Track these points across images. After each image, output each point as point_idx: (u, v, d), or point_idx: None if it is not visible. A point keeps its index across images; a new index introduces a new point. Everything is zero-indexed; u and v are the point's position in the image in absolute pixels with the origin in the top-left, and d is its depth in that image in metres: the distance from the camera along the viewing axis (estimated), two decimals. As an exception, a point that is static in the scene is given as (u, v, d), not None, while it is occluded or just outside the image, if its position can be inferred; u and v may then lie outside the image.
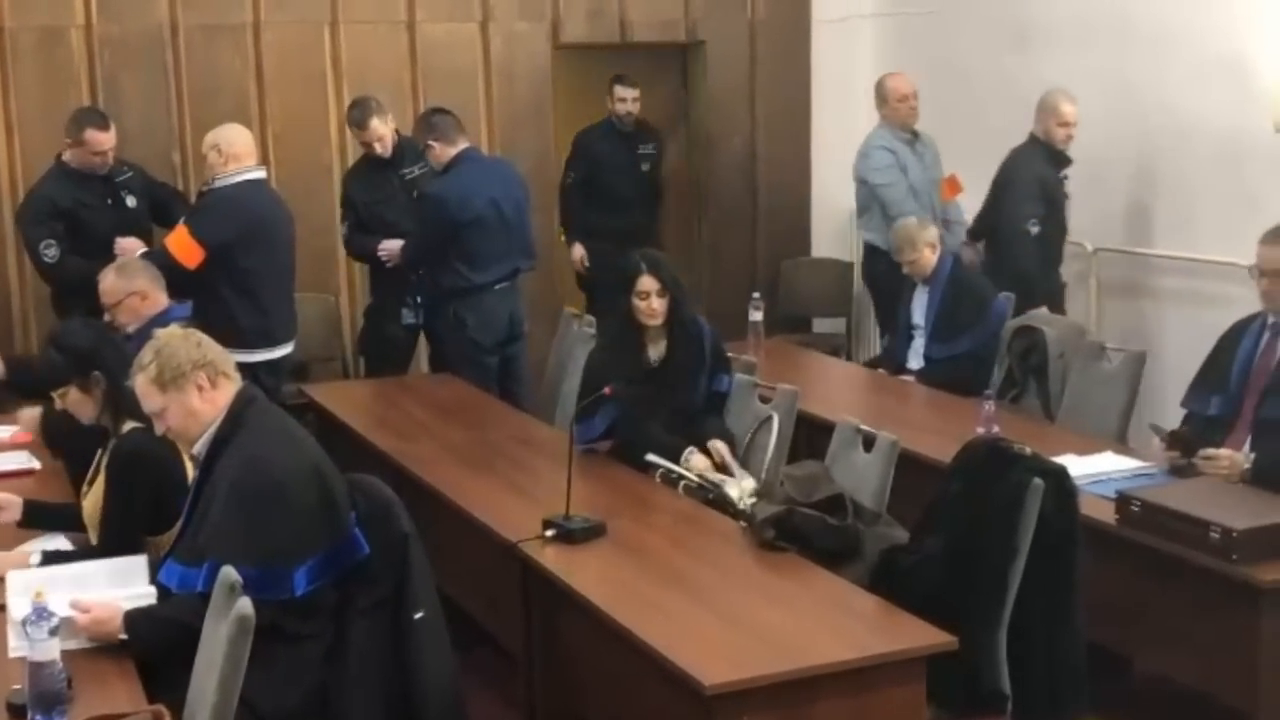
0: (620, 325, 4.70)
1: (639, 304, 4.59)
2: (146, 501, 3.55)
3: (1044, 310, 5.85)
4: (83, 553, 3.56)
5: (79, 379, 3.71)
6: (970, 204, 6.77)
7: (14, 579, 3.26)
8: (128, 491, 3.55)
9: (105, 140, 5.84)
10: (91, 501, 3.66)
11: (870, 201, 6.83)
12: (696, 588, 3.52)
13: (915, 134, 6.90)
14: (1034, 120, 6.29)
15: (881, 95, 6.88)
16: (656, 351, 4.65)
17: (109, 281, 4.79)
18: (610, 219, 7.41)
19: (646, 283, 4.58)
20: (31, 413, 4.60)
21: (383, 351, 6.43)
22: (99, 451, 3.74)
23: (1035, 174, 6.23)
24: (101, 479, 3.63)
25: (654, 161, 7.52)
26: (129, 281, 4.76)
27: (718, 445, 4.50)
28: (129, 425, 3.64)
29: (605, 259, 6.89)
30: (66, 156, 5.90)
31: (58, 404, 3.82)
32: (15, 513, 3.82)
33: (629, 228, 7.23)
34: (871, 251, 6.92)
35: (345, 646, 3.19)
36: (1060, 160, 6.29)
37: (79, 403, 3.76)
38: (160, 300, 4.82)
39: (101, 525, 3.59)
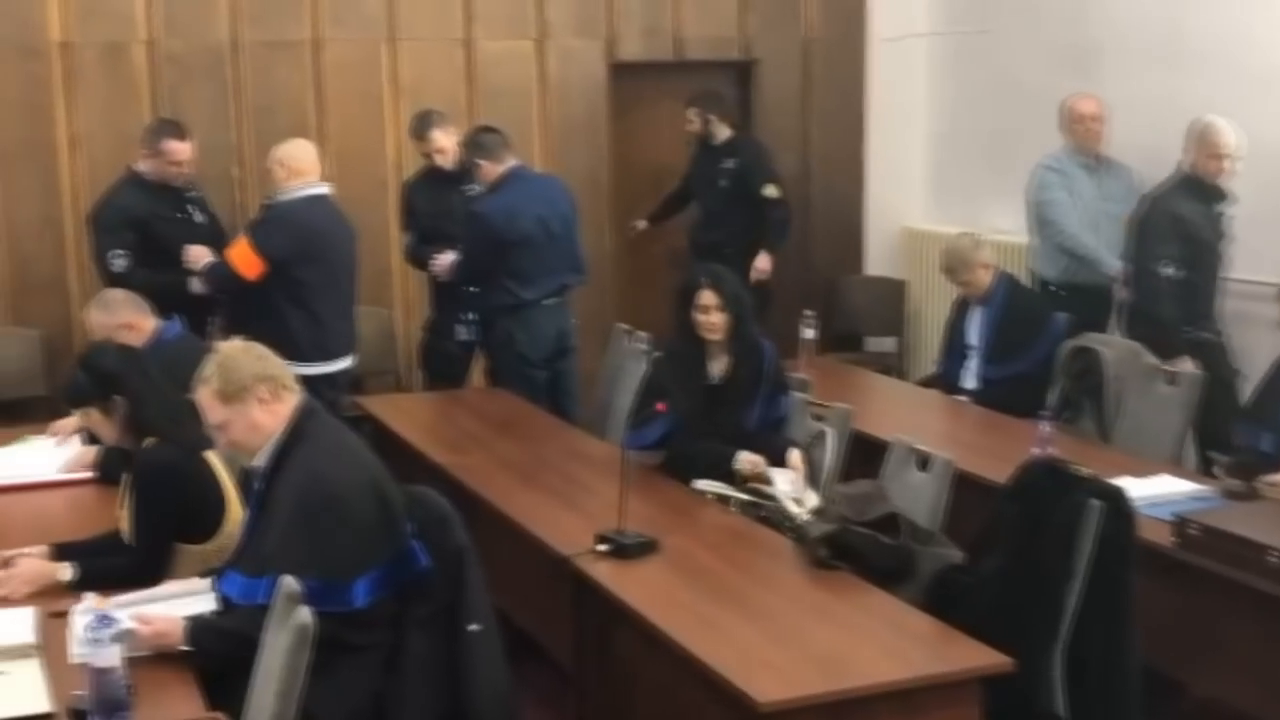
0: (682, 338, 4.71)
1: (699, 318, 4.60)
2: (173, 512, 3.59)
3: (1112, 337, 5.70)
4: (122, 568, 3.56)
5: (101, 401, 3.75)
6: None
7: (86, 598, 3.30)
8: (152, 504, 3.59)
9: (183, 151, 5.91)
10: (126, 520, 3.70)
11: (1038, 228, 6.40)
12: (749, 605, 3.52)
13: (1102, 160, 6.38)
14: (1182, 150, 5.77)
15: (1062, 116, 6.43)
16: (719, 367, 4.66)
17: (95, 318, 4.87)
18: (695, 233, 7.49)
19: (707, 297, 4.59)
20: (67, 423, 4.64)
21: (440, 366, 6.47)
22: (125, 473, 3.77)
23: (1171, 211, 5.67)
24: (129, 498, 3.67)
25: (734, 175, 7.41)
26: (113, 315, 4.84)
27: (797, 457, 4.47)
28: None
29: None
30: (141, 167, 5.95)
31: (81, 421, 3.85)
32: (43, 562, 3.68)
33: (707, 242, 7.26)
34: (1041, 288, 6.40)
35: (402, 658, 3.22)
36: (1213, 195, 5.73)
37: (100, 424, 3.81)
38: (149, 325, 4.89)
39: (134, 540, 3.63)
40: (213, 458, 3.76)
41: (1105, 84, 6.59)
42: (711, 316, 4.59)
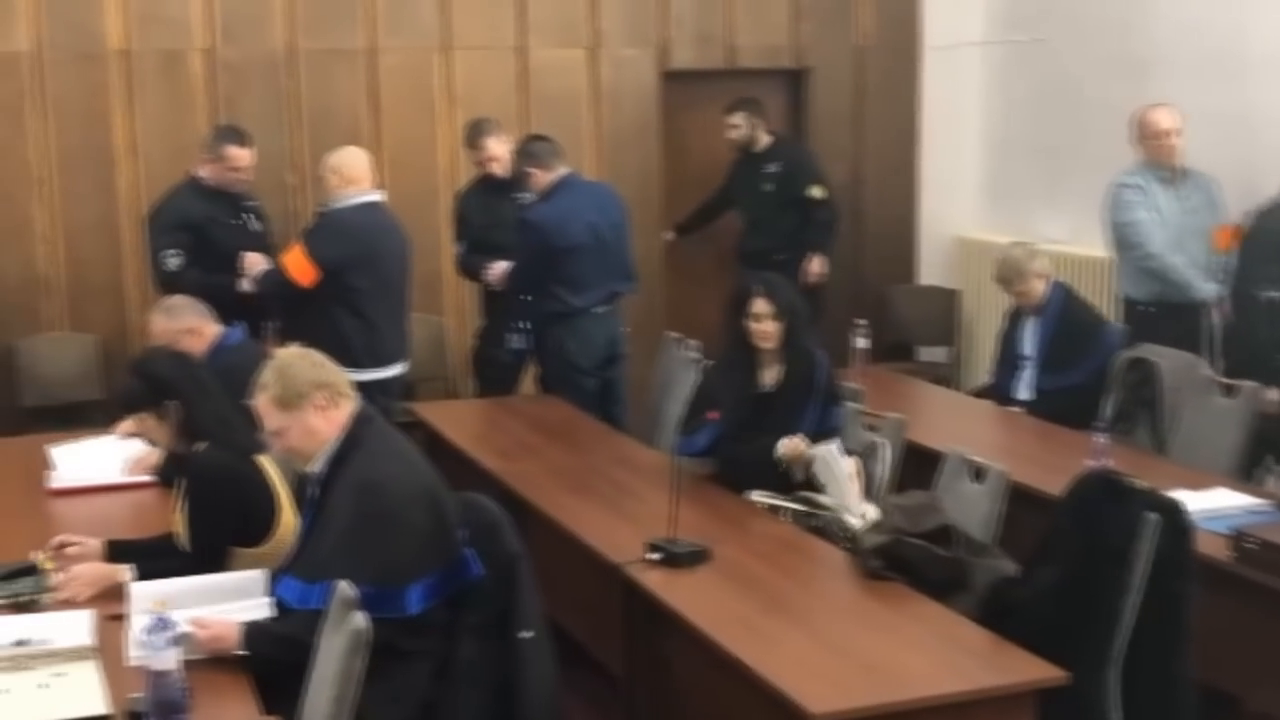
0: (733, 346, 4.70)
1: (752, 326, 4.59)
2: (228, 515, 3.62)
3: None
4: (178, 572, 3.57)
5: (155, 407, 3.78)
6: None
7: (137, 590, 3.34)
8: (207, 507, 3.62)
9: (244, 157, 5.97)
10: (180, 523, 3.74)
11: (1121, 249, 6.16)
12: (802, 615, 3.51)
13: (1179, 173, 6.09)
14: None
15: (1136, 129, 6.14)
16: (771, 376, 4.64)
17: (159, 324, 4.92)
18: (742, 242, 7.51)
19: (759, 305, 4.58)
20: (129, 425, 4.68)
21: (491, 374, 6.50)
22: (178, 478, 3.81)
23: (1275, 229, 5.42)
24: (184, 502, 3.71)
25: (779, 179, 7.44)
26: (177, 321, 4.89)
27: (853, 465, 4.44)
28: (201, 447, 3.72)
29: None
30: (201, 173, 6.01)
31: (134, 427, 3.89)
32: (97, 555, 3.76)
33: (755, 250, 7.26)
34: (1127, 307, 6.19)
35: (454, 664, 3.23)
36: None
37: (154, 429, 3.83)
38: (211, 331, 4.94)
39: (189, 543, 3.66)
40: (265, 462, 3.79)
41: (1162, 93, 6.51)
42: (764, 325, 4.58)
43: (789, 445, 4.45)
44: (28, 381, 6.65)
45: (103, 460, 4.65)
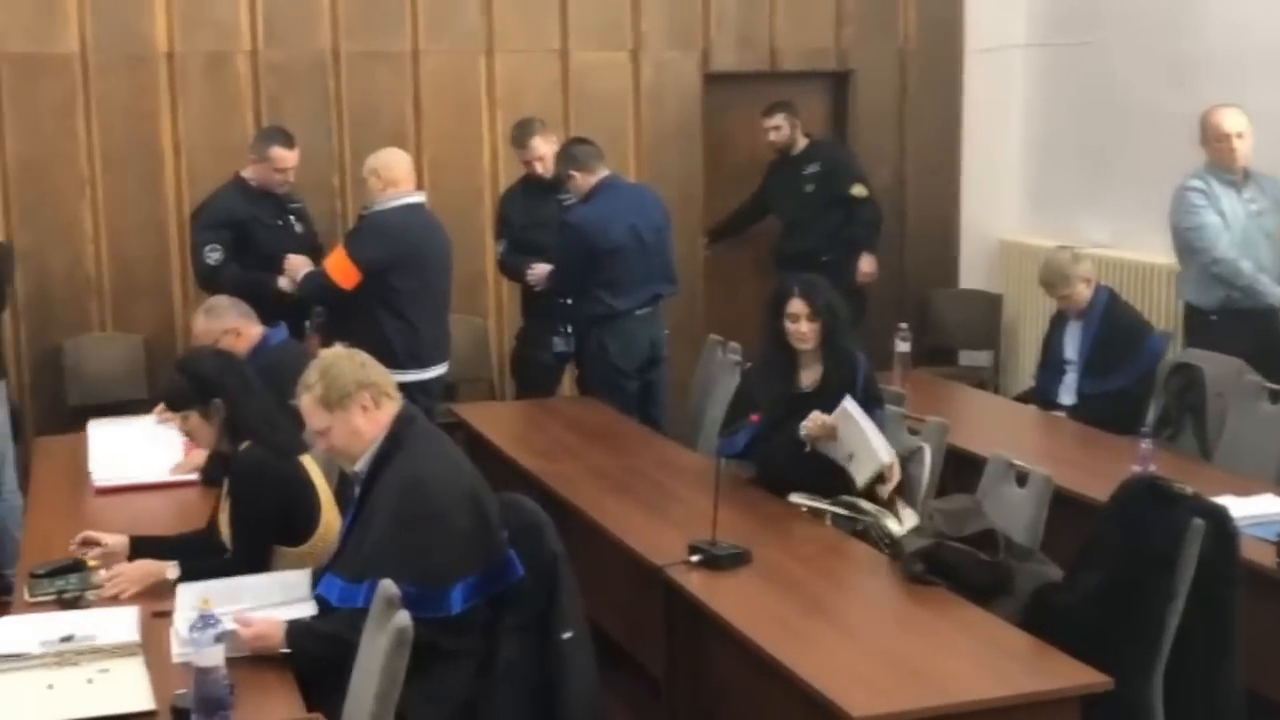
0: (772, 347, 4.69)
1: (789, 326, 4.58)
2: (271, 514, 3.65)
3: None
4: (222, 569, 3.61)
5: (200, 405, 3.81)
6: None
7: (182, 588, 3.37)
8: (250, 505, 3.65)
9: (289, 158, 6.00)
10: (225, 522, 3.76)
11: (1185, 254, 5.96)
12: (843, 618, 3.50)
13: (1244, 175, 5.89)
14: None
15: (1202, 132, 5.91)
16: (810, 377, 4.62)
17: (200, 325, 4.97)
18: (780, 245, 7.50)
19: (796, 306, 4.57)
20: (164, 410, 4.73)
21: (532, 376, 6.51)
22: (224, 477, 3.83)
23: None
24: (228, 500, 3.73)
25: (819, 179, 7.44)
26: (219, 321, 4.92)
27: (895, 465, 4.41)
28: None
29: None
30: (246, 173, 6.05)
31: (180, 426, 3.92)
32: (123, 552, 3.79)
33: (795, 253, 7.25)
34: (1191, 314, 6.00)
35: (495, 663, 3.25)
36: None
37: (198, 428, 3.86)
38: (253, 332, 4.97)
39: (232, 541, 3.69)
40: (308, 461, 3.81)
41: (1209, 96, 6.43)
42: (800, 325, 4.56)
43: (812, 421, 4.43)
44: (73, 380, 6.71)
45: (138, 442, 4.71)
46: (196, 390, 3.81)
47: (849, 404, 4.39)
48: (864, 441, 4.33)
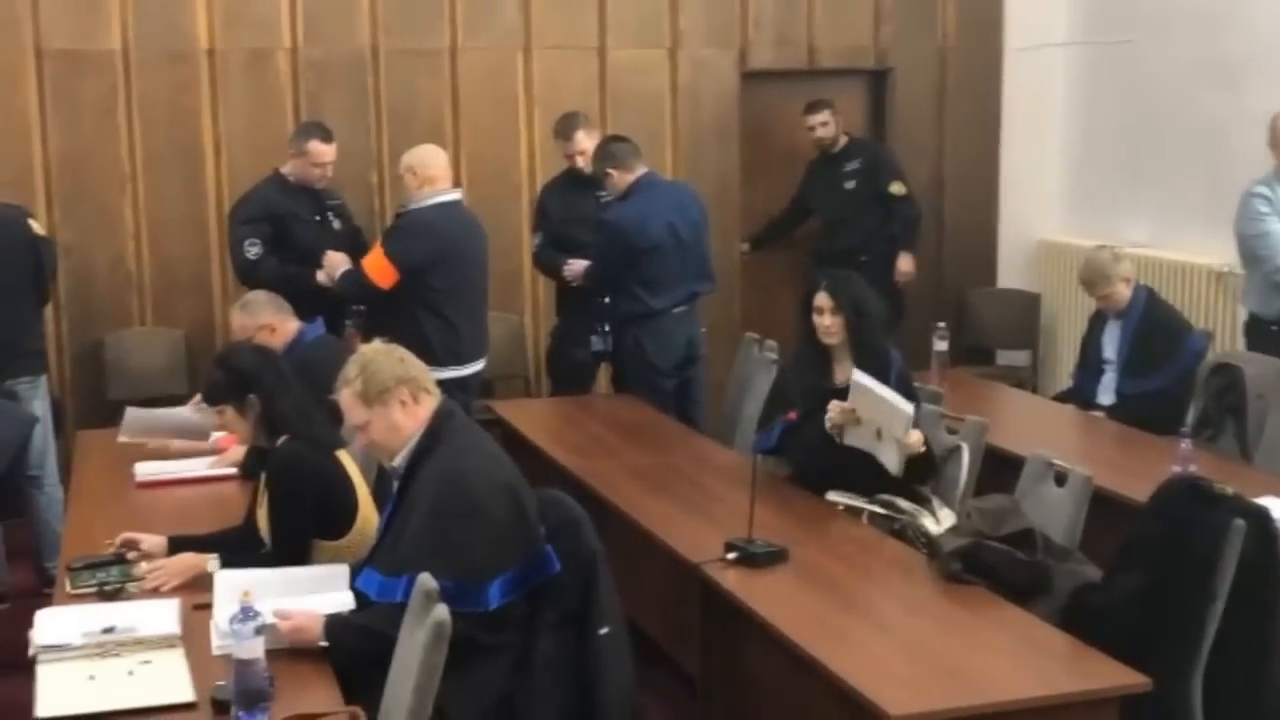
0: (805, 343, 4.69)
1: (815, 320, 4.59)
2: (309, 507, 3.66)
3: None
4: (257, 561, 3.64)
5: (236, 400, 3.83)
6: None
7: (221, 580, 3.39)
8: (289, 500, 3.66)
9: (327, 153, 6.03)
10: (264, 517, 3.78)
11: (1249, 262, 5.81)
12: (880, 617, 3.50)
13: None
14: None
15: (1271, 135, 5.74)
16: (843, 373, 4.60)
17: (237, 320, 5.01)
18: (819, 244, 7.48)
19: (821, 300, 4.57)
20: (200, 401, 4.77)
21: (568, 373, 6.52)
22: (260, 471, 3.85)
23: None
24: (266, 495, 3.75)
25: (860, 175, 7.45)
26: (254, 318, 4.97)
27: (917, 436, 4.38)
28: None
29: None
30: (285, 169, 6.09)
31: (216, 420, 3.94)
32: (161, 553, 3.80)
33: (834, 251, 7.23)
34: (1253, 324, 5.84)
35: (532, 659, 3.25)
36: None
37: (234, 422, 3.89)
38: (289, 327, 5.00)
39: (271, 535, 3.71)
40: (344, 456, 3.84)
41: (1250, 96, 6.42)
42: (825, 319, 4.56)
43: (833, 409, 4.42)
44: (114, 375, 6.77)
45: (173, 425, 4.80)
46: (232, 385, 3.84)
47: (858, 375, 4.37)
48: (884, 404, 4.30)
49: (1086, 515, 4.04)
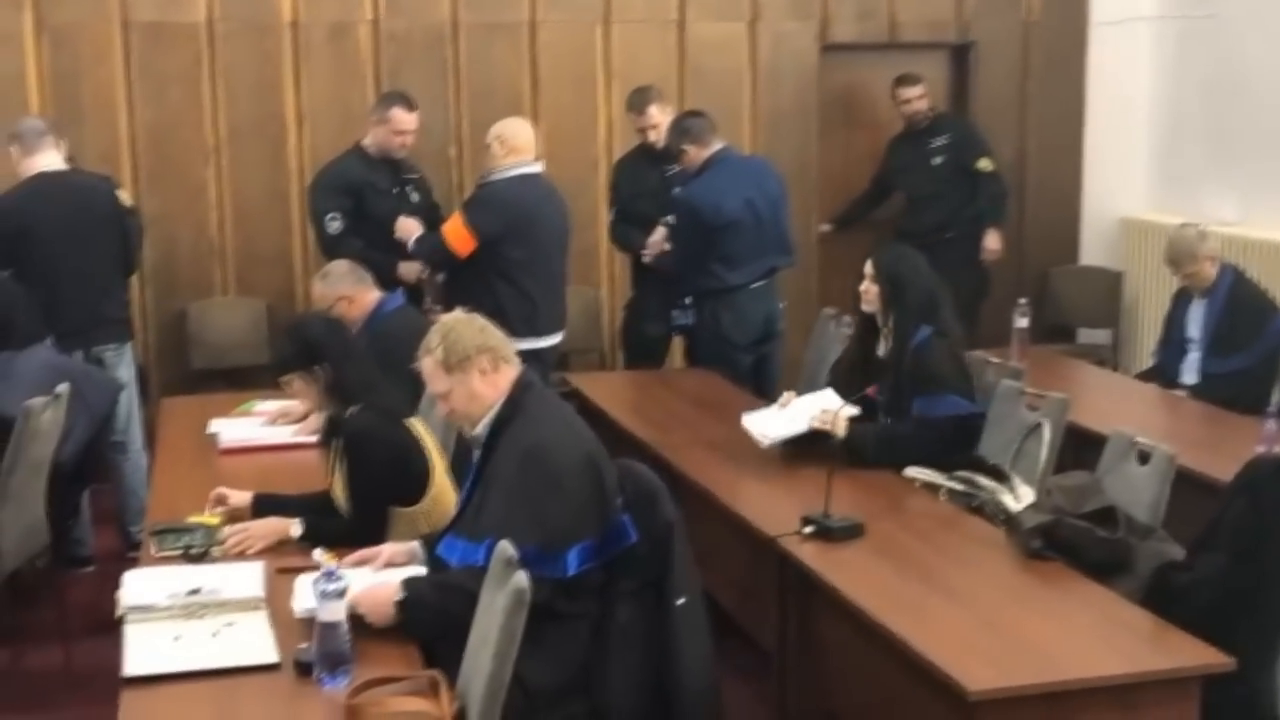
0: (858, 311, 4.77)
1: (861, 287, 4.65)
2: (385, 474, 3.71)
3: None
4: (344, 530, 3.70)
5: (303, 369, 3.87)
6: None
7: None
8: (364, 468, 3.71)
9: (409, 121, 6.07)
10: (339, 487, 3.83)
11: None
12: (958, 593, 3.47)
13: None
14: None
15: None
16: (885, 345, 4.63)
17: (317, 290, 5.07)
18: (903, 222, 7.44)
19: (867, 266, 4.64)
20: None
21: (641, 348, 6.52)
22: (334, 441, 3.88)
23: None
24: (341, 465, 3.79)
25: (948, 151, 7.39)
26: (333, 288, 5.01)
27: (788, 395, 4.56)
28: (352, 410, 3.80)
29: None
30: (365, 141, 6.14)
31: (285, 389, 3.98)
32: (247, 508, 3.89)
33: (919, 228, 7.18)
34: None
35: (609, 627, 3.26)
36: None
37: (302, 391, 3.93)
38: (369, 298, 5.03)
39: (350, 503, 3.75)
40: (416, 423, 3.88)
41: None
42: (864, 285, 4.63)
43: (820, 419, 4.48)
44: (197, 344, 6.87)
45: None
46: (299, 354, 3.88)
47: (745, 420, 4.67)
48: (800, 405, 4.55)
49: (1169, 495, 3.99)
